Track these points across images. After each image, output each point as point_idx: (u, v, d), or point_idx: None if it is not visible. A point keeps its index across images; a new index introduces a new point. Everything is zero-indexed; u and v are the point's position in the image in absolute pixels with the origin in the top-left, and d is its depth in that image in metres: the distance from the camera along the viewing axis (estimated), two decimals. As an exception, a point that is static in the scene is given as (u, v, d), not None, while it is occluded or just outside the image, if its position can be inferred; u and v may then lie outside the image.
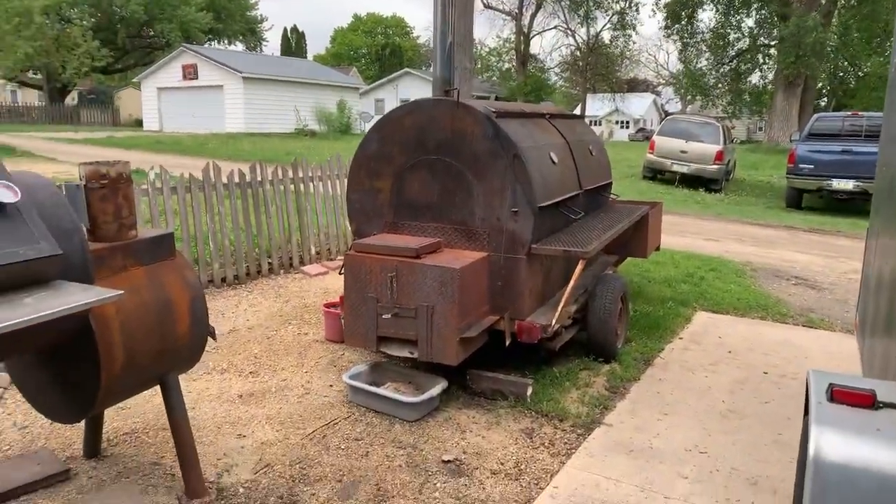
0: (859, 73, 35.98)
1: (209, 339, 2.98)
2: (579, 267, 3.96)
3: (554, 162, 4.39)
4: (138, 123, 36.93)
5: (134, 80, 38.11)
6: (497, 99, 42.03)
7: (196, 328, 2.84)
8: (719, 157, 16.12)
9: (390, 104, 46.60)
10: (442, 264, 3.65)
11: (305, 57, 59.61)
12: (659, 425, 3.74)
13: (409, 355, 3.80)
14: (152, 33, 42.00)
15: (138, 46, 44.21)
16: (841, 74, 38.40)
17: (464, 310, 3.67)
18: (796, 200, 14.19)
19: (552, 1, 39.85)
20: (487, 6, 44.06)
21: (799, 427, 3.70)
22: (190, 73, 31.76)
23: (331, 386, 4.16)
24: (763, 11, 30.05)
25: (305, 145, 24.10)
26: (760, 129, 55.44)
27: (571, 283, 3.96)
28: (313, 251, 7.12)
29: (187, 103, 32.11)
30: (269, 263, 6.69)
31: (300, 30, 63.39)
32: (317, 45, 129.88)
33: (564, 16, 41.42)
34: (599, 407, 3.94)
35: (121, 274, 2.61)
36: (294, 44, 61.90)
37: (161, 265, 2.78)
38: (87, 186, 2.59)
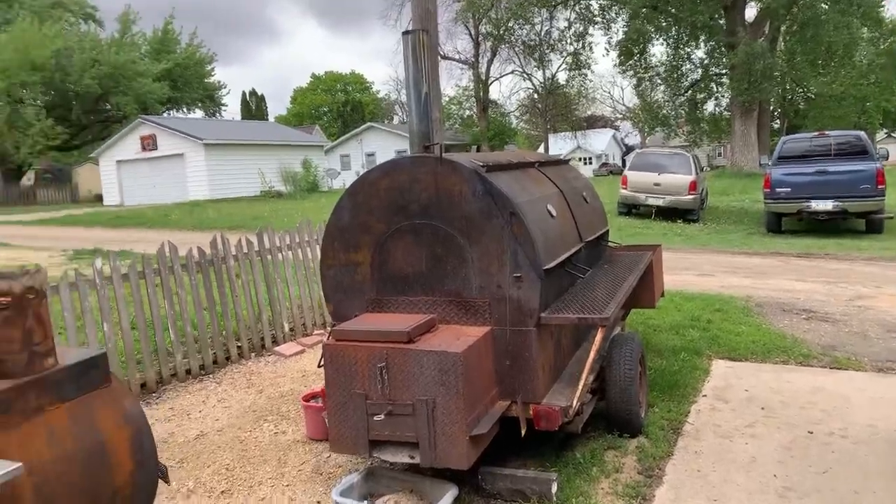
0: (808, 95, 37.06)
1: (161, 481, 2.35)
2: (599, 335, 3.42)
3: (552, 215, 3.90)
4: (98, 199, 36.03)
5: (91, 155, 37.35)
6: (478, 148, 42.23)
7: (141, 474, 2.21)
8: (693, 187, 16.00)
9: (356, 159, 46.60)
10: (440, 348, 3.09)
11: (266, 119, 59.61)
12: (712, 516, 3.16)
13: (409, 460, 3.18)
14: (108, 107, 41.49)
15: (95, 121, 43.66)
16: (790, 97, 39.57)
17: (471, 401, 3.09)
18: (776, 224, 14.02)
19: (507, 47, 40.54)
20: (445, 57, 44.70)
21: (871, 502, 3.14)
22: (148, 143, 31.20)
23: (318, 503, 3.50)
24: (711, 42, 30.84)
25: (272, 208, 23.55)
26: (720, 154, 56.74)
27: (592, 354, 3.42)
28: (286, 328, 6.48)
29: (148, 174, 31.46)
30: (239, 347, 6.03)
31: (259, 93, 63.51)
32: (277, 106, 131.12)
33: (520, 61, 42.19)
34: (637, 498, 3.36)
35: (34, 419, 1.99)
36: (254, 107, 61.89)
37: (90, 397, 2.17)
38: (-16, 308, 1.99)
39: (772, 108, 37.85)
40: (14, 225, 22.54)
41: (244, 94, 62.58)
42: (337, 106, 67.80)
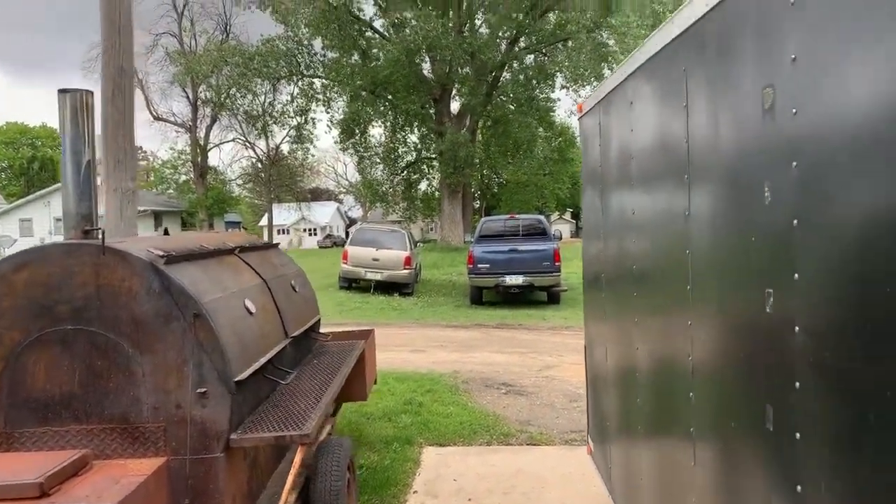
0: (501, 181, 42.97)
1: None
2: (299, 455, 3.02)
3: (251, 312, 3.46)
4: None
5: None
6: (190, 225, 38.89)
7: None
8: (408, 262, 16.84)
9: (41, 224, 39.91)
10: (86, 503, 2.37)
11: (-88, 169, 48.00)
12: None
13: None
14: None
15: None
16: (486, 181, 45.39)
17: (131, 564, 2.41)
18: (478, 297, 15.40)
19: (228, 114, 39.23)
20: (158, 118, 41.49)
21: None
22: None
23: None
24: (423, 129, 33.91)
25: None
26: (431, 229, 61.92)
27: (290, 478, 2.99)
28: None
29: None
30: None
31: None
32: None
33: (242, 129, 41.06)
34: None
35: None
36: None
37: None
38: None
39: (473, 190, 42.74)
40: None
41: None
42: (20, 162, 57.68)
